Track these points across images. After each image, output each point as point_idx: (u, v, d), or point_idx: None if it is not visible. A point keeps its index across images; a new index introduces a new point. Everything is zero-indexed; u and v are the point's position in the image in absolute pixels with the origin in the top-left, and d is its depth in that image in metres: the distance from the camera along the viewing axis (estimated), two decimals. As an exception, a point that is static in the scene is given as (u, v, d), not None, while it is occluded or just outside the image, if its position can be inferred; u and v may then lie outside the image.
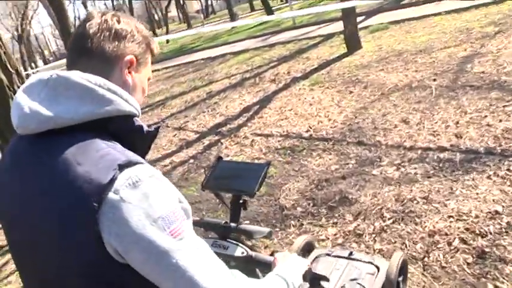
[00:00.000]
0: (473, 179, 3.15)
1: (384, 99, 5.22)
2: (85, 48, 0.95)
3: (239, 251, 1.28)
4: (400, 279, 2.19)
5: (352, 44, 7.98)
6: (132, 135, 0.94)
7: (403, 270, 2.20)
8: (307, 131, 4.97)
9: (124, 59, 0.97)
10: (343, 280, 2.02)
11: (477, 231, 2.64)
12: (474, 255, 2.46)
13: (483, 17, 7.44)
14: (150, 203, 0.80)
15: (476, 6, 8.07)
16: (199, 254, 0.84)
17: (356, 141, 4.34)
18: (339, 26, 9.38)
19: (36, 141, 0.87)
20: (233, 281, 0.86)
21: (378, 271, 2.05)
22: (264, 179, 1.46)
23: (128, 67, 0.98)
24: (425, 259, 2.54)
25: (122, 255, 0.80)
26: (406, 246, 2.67)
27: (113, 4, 48.30)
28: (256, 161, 4.52)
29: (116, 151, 0.85)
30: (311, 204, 3.44)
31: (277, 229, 3.28)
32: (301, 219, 3.30)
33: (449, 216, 2.84)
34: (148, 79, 1.08)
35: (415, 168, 3.50)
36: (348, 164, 3.92)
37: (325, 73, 7.14)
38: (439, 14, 8.77)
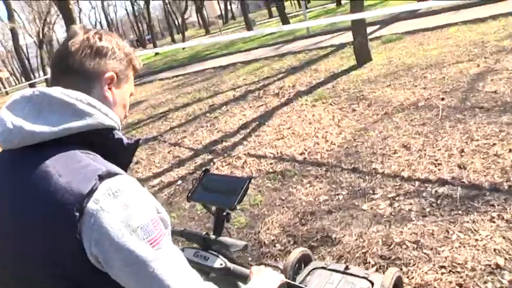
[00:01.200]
0: (473, 221, 2.78)
1: (387, 119, 4.86)
2: (67, 65, 0.98)
3: (218, 263, 1.31)
4: None
5: (362, 56, 7.63)
6: (113, 148, 0.96)
7: (397, 287, 2.14)
8: (301, 154, 4.64)
9: (104, 76, 1.00)
10: None
11: (471, 289, 2.28)
12: (465, 321, 2.11)
13: (501, 28, 6.99)
14: (130, 213, 0.82)
15: (495, 17, 7.61)
16: (176, 263, 0.86)
17: (351, 167, 4.00)
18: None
19: (19, 155, 0.89)
20: None
21: (372, 286, 2.04)
22: (245, 193, 1.49)
23: (108, 83, 1.01)
24: (409, 321, 2.19)
25: (102, 263, 0.81)
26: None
27: (133, 9, 48.91)
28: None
29: (96, 162, 0.87)
30: (291, 242, 3.12)
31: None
32: (278, 259, 2.98)
33: (441, 267, 2.48)
34: (131, 94, 1.11)
35: (410, 204, 3.14)
36: (338, 195, 3.58)
37: (330, 87, 6.82)
38: (456, 24, 8.34)
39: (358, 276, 2.09)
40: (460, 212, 2.91)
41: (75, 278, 0.83)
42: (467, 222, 2.79)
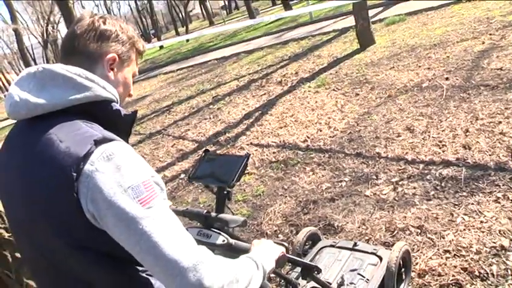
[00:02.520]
0: (478, 203, 2.71)
1: (391, 102, 4.76)
2: (73, 47, 1.07)
3: (220, 239, 1.35)
4: (402, 270, 2.17)
5: (365, 39, 7.49)
6: (112, 119, 1.04)
7: (405, 260, 2.17)
8: (304, 141, 4.58)
9: (106, 57, 1.07)
10: (343, 271, 2.05)
11: (476, 272, 2.22)
12: (469, 305, 2.05)
13: (507, 3, 6.79)
14: (122, 174, 0.88)
15: (501, -8, 7.40)
16: (166, 223, 0.89)
17: (354, 153, 3.93)
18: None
19: (29, 126, 1.00)
20: (196, 252, 0.89)
21: (381, 261, 2.06)
22: (243, 170, 1.52)
23: (110, 64, 1.08)
24: (412, 307, 2.14)
25: (98, 220, 0.88)
26: None
27: (136, 5, 48.88)
28: (245, 177, 4.19)
29: (94, 130, 0.95)
30: (293, 232, 3.07)
31: (255, 261, 2.94)
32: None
33: (446, 251, 2.42)
34: (134, 75, 1.18)
35: (414, 188, 3.07)
36: (341, 181, 3.52)
37: (333, 73, 6.71)
38: (460, 1, 8.13)
39: (366, 252, 2.13)
40: (464, 193, 2.84)
41: (77, 236, 0.91)
42: (472, 204, 2.72)
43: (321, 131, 4.70)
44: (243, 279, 0.97)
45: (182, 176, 4.85)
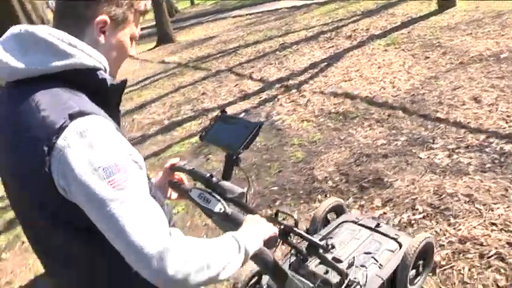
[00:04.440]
0: (536, 182, 2.58)
1: (461, 69, 4.48)
2: (63, 10, 0.98)
3: (218, 207, 1.25)
4: (421, 262, 1.99)
5: (445, 1, 6.93)
6: (98, 88, 0.96)
7: (426, 253, 2.00)
8: (366, 97, 4.48)
9: (96, 19, 0.96)
10: (358, 251, 1.89)
11: (522, 248, 2.16)
12: (509, 279, 2.01)
13: None
14: (94, 153, 0.83)
15: None
16: (137, 206, 0.84)
17: (414, 115, 3.80)
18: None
19: (14, 89, 0.94)
20: (164, 238, 0.84)
21: (399, 249, 1.90)
22: (253, 138, 1.38)
23: (100, 27, 0.97)
24: (447, 269, 2.14)
25: (69, 195, 0.85)
26: (430, 248, 2.28)
27: None
28: (303, 123, 4.21)
29: (73, 101, 0.88)
30: (343, 180, 3.10)
31: (301, 201, 3.03)
32: (328, 195, 3.00)
33: (492, 224, 2.36)
34: (133, 37, 1.07)
35: (470, 158, 2.96)
36: (396, 140, 3.45)
37: (405, 33, 6.34)
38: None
39: (387, 235, 1.95)
40: (524, 171, 2.71)
41: (52, 209, 0.88)
42: (530, 182, 2.59)
43: (384, 89, 4.56)
44: (216, 265, 0.92)
45: (242, 114, 4.95)
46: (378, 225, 2.02)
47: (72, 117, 0.84)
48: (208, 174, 1.38)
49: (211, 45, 9.86)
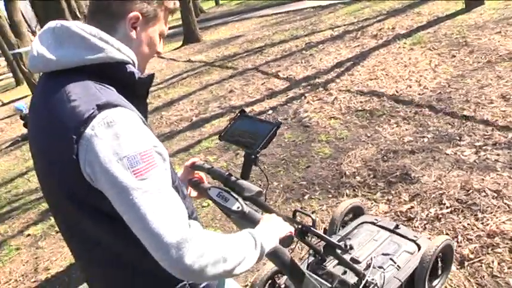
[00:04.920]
0: None
1: (489, 68, 4.46)
2: (97, 6, 1.02)
3: (236, 206, 1.25)
4: (439, 265, 2.00)
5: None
6: (126, 81, 0.99)
7: (445, 256, 2.00)
8: (392, 95, 4.51)
9: (128, 15, 1.00)
10: (376, 252, 1.88)
11: (551, 243, 2.19)
12: (538, 271, 2.05)
13: None
14: (119, 143, 0.85)
15: None
16: (159, 196, 0.87)
17: (441, 112, 3.82)
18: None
19: (50, 79, 0.99)
20: (183, 229, 0.86)
21: (418, 251, 1.88)
22: (271, 138, 1.37)
23: (132, 23, 1.01)
24: (475, 262, 2.19)
25: (95, 182, 0.88)
26: (457, 242, 2.33)
27: None
28: (330, 120, 4.28)
29: (101, 93, 0.91)
30: (371, 176, 3.16)
31: (330, 195, 3.10)
32: (356, 190, 3.07)
33: (521, 218, 2.38)
34: (162, 34, 1.10)
35: (498, 155, 2.98)
36: (423, 137, 3.49)
37: (431, 32, 6.31)
38: None
39: (406, 237, 1.93)
40: (552, 167, 2.71)
41: (79, 195, 0.92)
42: (559, 178, 2.60)
43: (410, 87, 4.58)
44: (232, 259, 0.94)
45: (270, 112, 5.04)
46: (396, 226, 2.01)
47: (100, 108, 0.87)
48: (226, 173, 1.39)
49: (238, 45, 9.99)
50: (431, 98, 4.17)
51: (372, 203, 2.87)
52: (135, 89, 1.02)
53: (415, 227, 2.52)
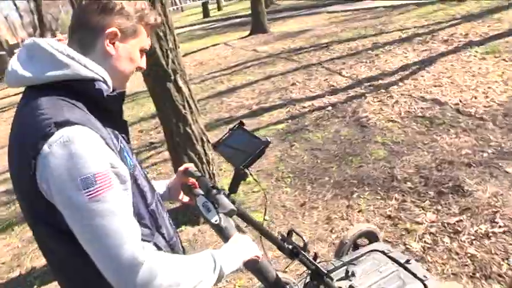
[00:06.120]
0: None
1: None
2: (77, 21, 1.02)
3: (215, 218, 1.22)
4: None
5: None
6: (94, 98, 0.97)
7: None
8: (455, 104, 4.31)
9: (106, 31, 0.99)
10: (377, 285, 1.74)
11: None
12: None
13: None
14: (74, 163, 0.84)
15: None
16: (112, 218, 0.86)
17: (505, 128, 3.62)
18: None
19: (24, 95, 1.00)
20: (135, 252, 0.86)
21: None
22: (258, 156, 1.31)
23: (110, 38, 1.00)
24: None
25: (50, 199, 0.88)
26: (508, 265, 2.23)
27: None
28: (389, 123, 4.19)
29: (63, 111, 0.89)
30: (422, 183, 3.09)
31: (379, 197, 3.08)
32: (405, 195, 3.01)
33: None
34: (142, 49, 1.09)
35: (563, 179, 2.79)
36: (483, 152, 3.33)
37: (509, 41, 5.91)
38: None
39: (414, 275, 1.75)
40: None
41: (37, 210, 0.92)
42: None
43: (476, 98, 4.35)
44: (187, 283, 0.94)
45: (329, 108, 5.03)
46: (407, 261, 1.83)
47: (58, 125, 0.86)
48: (211, 185, 1.33)
49: (305, 39, 9.93)
50: (497, 112, 3.95)
51: (419, 210, 2.81)
52: (104, 106, 1.00)
53: (461, 241, 2.45)
